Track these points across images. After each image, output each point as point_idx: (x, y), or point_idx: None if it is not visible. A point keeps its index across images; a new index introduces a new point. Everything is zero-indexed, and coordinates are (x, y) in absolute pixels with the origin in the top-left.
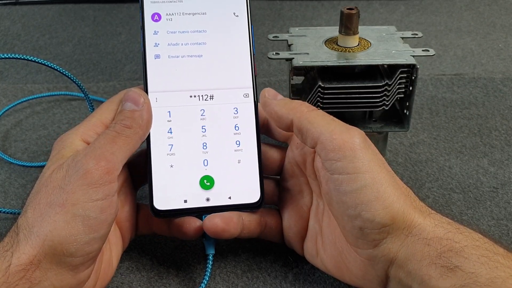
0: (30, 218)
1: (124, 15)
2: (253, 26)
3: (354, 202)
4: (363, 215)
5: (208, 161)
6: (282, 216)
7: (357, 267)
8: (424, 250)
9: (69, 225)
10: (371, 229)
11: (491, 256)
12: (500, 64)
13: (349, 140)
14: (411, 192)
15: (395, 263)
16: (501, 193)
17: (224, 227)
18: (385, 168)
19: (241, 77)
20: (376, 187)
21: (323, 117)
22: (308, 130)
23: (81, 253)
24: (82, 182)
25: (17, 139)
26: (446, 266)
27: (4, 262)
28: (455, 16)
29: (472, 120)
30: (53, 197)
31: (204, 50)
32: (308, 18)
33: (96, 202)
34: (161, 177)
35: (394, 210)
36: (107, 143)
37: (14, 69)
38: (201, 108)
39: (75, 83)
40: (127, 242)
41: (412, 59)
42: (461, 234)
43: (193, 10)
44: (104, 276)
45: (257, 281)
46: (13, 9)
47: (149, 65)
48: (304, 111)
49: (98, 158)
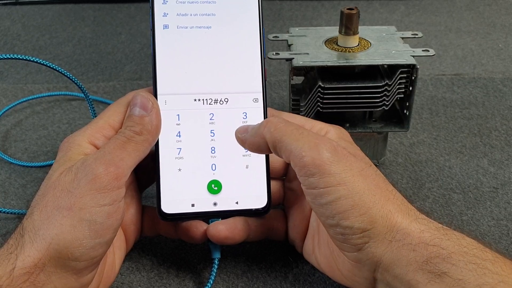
0: (37, 221)
1: (124, 15)
2: (264, 30)
3: (331, 213)
4: (342, 223)
5: (216, 166)
6: (287, 216)
7: (346, 268)
8: (410, 256)
9: (75, 229)
10: (352, 234)
11: (479, 262)
12: (500, 64)
13: (317, 157)
14: (398, 195)
15: (381, 266)
16: (501, 193)
17: (228, 235)
18: (361, 175)
19: (251, 82)
20: (351, 196)
21: (291, 134)
22: (280, 149)
23: (85, 258)
24: (91, 187)
25: (17, 139)
26: (433, 272)
27: (8, 264)
28: (455, 16)
29: (472, 120)
30: (60, 200)
31: (215, 54)
32: (308, 18)
33: (104, 207)
34: (169, 180)
35: (372, 215)
36: (117, 149)
37: (14, 69)
38: (210, 112)
39: (75, 83)
40: (131, 244)
41: (412, 59)
42: (448, 240)
43: (203, 11)
44: (107, 279)
45: (257, 281)
46: (13, 9)
47: (159, 70)
48: (272, 132)
49: (107, 163)
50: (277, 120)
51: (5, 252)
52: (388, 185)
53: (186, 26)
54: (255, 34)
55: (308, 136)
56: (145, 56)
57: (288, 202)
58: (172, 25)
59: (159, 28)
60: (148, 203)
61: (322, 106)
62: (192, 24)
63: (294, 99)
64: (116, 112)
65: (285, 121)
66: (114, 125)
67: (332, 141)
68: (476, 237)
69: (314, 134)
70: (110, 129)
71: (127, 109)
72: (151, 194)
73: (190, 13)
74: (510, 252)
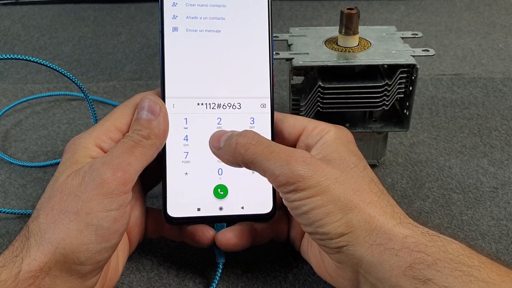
0: (43, 224)
1: (124, 15)
2: (273, 35)
3: (308, 222)
4: (318, 230)
5: (222, 170)
6: (289, 216)
7: (331, 269)
8: (393, 261)
9: (82, 234)
10: (329, 239)
11: (465, 269)
12: (500, 64)
13: (290, 175)
14: (384, 197)
15: (362, 268)
16: (501, 193)
17: (237, 242)
18: (337, 182)
19: (259, 87)
20: (325, 205)
21: (262, 154)
22: (254, 169)
23: (91, 262)
24: (98, 192)
25: (17, 139)
26: (417, 278)
27: (14, 268)
28: (455, 16)
29: (472, 120)
30: (67, 204)
31: (224, 58)
32: (308, 18)
33: (110, 212)
34: (175, 184)
35: (348, 220)
36: (125, 153)
37: (14, 69)
38: (218, 117)
39: (75, 83)
40: (134, 246)
41: (412, 59)
42: (433, 247)
43: (212, 15)
44: (110, 282)
45: (257, 281)
46: (13, 9)
47: (167, 72)
48: (243, 154)
49: (115, 168)
50: (246, 140)
51: (10, 254)
52: (373, 187)
53: (196, 29)
54: (264, 39)
55: (279, 153)
56: (145, 56)
57: None
58: (182, 28)
59: (168, 30)
60: (152, 204)
61: (322, 106)
62: (201, 28)
63: (294, 99)
64: (123, 115)
65: (256, 138)
66: (121, 127)
67: (304, 153)
68: (476, 237)
69: (285, 150)
70: (116, 132)
71: (134, 111)
72: (154, 195)
73: (200, 16)
74: (510, 252)
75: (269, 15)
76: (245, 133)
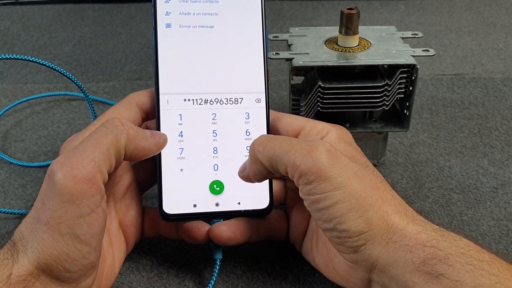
0: (24, 231)
1: (124, 15)
2: (267, 30)
3: (328, 217)
4: (338, 227)
5: (218, 166)
6: (288, 216)
7: (342, 269)
8: (407, 257)
9: (58, 243)
10: (348, 238)
11: (476, 263)
12: (500, 64)
13: (312, 164)
14: (396, 196)
15: (377, 268)
16: (501, 193)
17: (231, 236)
18: (357, 176)
19: (254, 82)
20: (348, 200)
21: (281, 147)
22: (276, 165)
23: (78, 267)
24: (61, 199)
25: (17, 139)
26: (430, 273)
27: (5, 270)
28: (455, 16)
29: (472, 120)
30: (39, 212)
31: (218, 54)
32: (308, 18)
33: (81, 219)
34: (171, 180)
35: (368, 217)
36: (87, 148)
37: (14, 69)
38: (212, 112)
39: (75, 83)
40: (131, 246)
41: (412, 59)
42: (445, 242)
43: (206, 11)
44: (107, 281)
45: (257, 281)
46: (13, 9)
47: (161, 69)
48: (262, 152)
49: (72, 168)
50: (262, 139)
51: (1, 257)
52: (386, 186)
53: (189, 25)
54: (258, 34)
55: (299, 145)
56: (145, 56)
57: (289, 202)
58: (175, 24)
59: (162, 27)
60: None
61: (322, 106)
62: (194, 24)
63: (294, 99)
64: (116, 115)
65: (271, 136)
66: None
67: (325, 143)
68: (476, 237)
69: (304, 142)
70: None
71: (127, 111)
72: (151, 195)
73: (193, 12)
74: (510, 252)
75: (263, 10)
76: (259, 136)
